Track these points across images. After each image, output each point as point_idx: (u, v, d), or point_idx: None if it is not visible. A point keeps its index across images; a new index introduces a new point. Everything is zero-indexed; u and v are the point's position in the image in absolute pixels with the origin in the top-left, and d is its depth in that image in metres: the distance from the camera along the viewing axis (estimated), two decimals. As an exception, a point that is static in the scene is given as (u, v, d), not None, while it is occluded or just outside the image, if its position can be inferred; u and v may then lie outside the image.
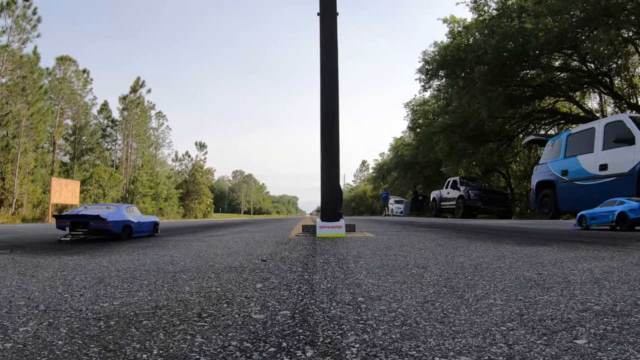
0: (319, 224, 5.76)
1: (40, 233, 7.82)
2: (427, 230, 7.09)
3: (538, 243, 4.21)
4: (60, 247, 4.54)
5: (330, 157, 6.06)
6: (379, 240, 5.00)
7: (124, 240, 5.39)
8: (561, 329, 1.36)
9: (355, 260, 3.08)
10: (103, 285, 2.19)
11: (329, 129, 6.08)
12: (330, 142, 6.06)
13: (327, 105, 6.15)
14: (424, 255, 3.34)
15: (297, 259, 3.23)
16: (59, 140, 34.55)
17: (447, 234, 6.12)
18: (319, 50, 6.30)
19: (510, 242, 4.34)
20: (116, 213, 5.89)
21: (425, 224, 10.55)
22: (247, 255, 3.49)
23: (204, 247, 4.29)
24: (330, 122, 6.12)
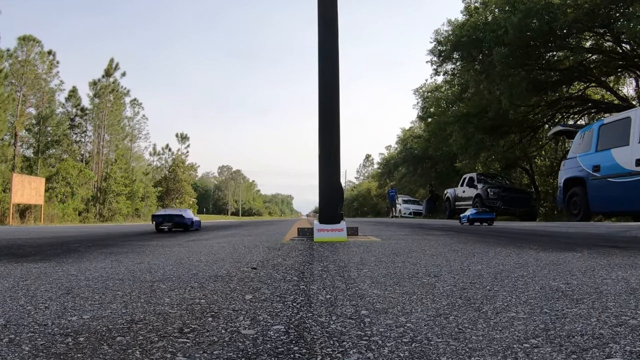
0: (316, 227, 5.74)
1: None
2: (439, 234, 7.09)
3: (566, 248, 4.21)
4: (22, 253, 4.53)
5: (330, 151, 6.04)
6: (385, 245, 4.99)
7: (95, 246, 5.39)
8: (592, 346, 1.36)
9: (358, 268, 3.07)
10: (71, 296, 2.18)
11: (328, 120, 6.06)
12: (329, 135, 6.04)
13: (327, 92, 6.13)
14: (436, 263, 3.34)
15: (292, 267, 3.22)
16: (21, 132, 34.52)
17: (463, 238, 6.11)
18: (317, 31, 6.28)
19: (535, 248, 4.34)
20: (186, 213, 10.12)
21: (438, 227, 10.56)
22: (235, 263, 3.48)
23: (185, 253, 4.28)
24: (330, 111, 6.10)
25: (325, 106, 6.11)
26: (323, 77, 6.17)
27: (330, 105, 6.11)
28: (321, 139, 6.08)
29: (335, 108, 6.14)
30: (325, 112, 6.11)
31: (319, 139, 6.09)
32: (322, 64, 6.19)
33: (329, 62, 6.19)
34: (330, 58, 6.20)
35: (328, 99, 6.13)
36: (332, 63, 6.20)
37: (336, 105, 6.15)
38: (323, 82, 6.16)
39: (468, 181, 24.73)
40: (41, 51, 36.18)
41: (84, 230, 11.92)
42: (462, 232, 7.88)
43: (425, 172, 45.76)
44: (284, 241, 5.89)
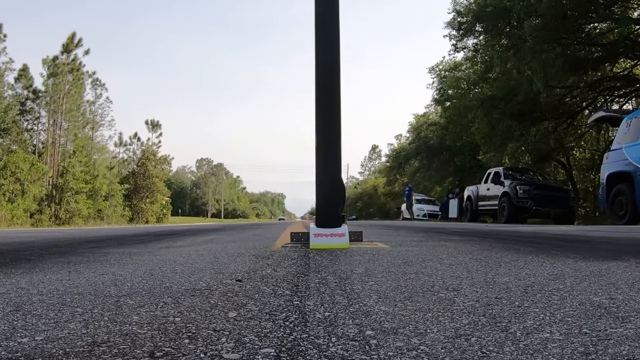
0: (313, 231, 5.71)
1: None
2: (459, 240, 7.08)
3: (610, 257, 4.19)
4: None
5: (329, 142, 6.01)
6: (395, 252, 4.98)
7: (50, 254, 5.38)
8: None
9: (363, 280, 3.07)
10: (21, 313, 2.16)
11: (327, 105, 6.03)
12: (328, 122, 6.02)
13: (325, 72, 6.08)
14: (456, 274, 3.33)
15: (284, 279, 3.21)
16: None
17: (487, 244, 6.10)
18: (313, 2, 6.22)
19: (572, 256, 4.32)
20: None
21: (457, 231, 10.56)
22: (217, 274, 3.47)
23: (158, 263, 4.26)
24: (329, 95, 6.06)
25: (323, 89, 6.07)
26: (321, 54, 6.11)
27: (329, 88, 6.07)
28: (319, 127, 6.04)
29: (336, 91, 6.09)
30: (323, 96, 6.06)
31: (316, 127, 6.05)
32: (319, 38, 6.14)
33: (327, 37, 6.14)
34: (330, 31, 6.14)
35: (327, 80, 6.08)
36: (332, 38, 6.14)
37: (336, 88, 6.10)
38: (321, 60, 6.11)
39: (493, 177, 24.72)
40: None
41: (37, 235, 11.90)
42: (486, 237, 7.89)
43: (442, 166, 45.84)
44: (274, 248, 5.88)
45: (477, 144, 31.75)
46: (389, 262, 4.10)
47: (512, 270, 3.42)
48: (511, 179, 23.51)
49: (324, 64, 6.13)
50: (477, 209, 25.81)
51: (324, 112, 6.06)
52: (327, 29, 6.17)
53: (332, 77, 6.11)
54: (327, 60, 6.13)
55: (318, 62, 6.14)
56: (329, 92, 6.08)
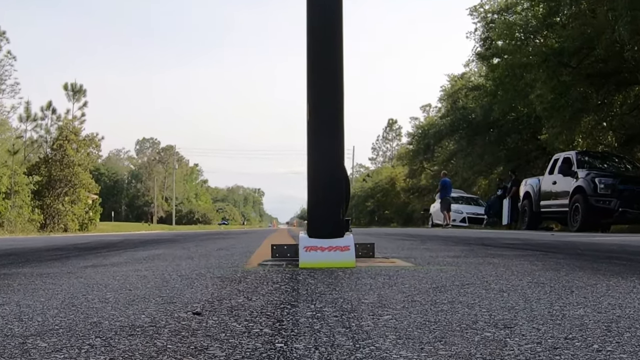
0: (304, 243, 5.67)
1: None
2: (513, 256, 7.05)
3: None
4: None
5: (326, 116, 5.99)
6: (421, 273, 4.96)
7: None
8: None
9: (375, 313, 3.05)
10: None
11: (324, 64, 6.00)
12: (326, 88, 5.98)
13: (320, 15, 6.05)
14: (508, 304, 3.31)
15: (261, 311, 3.19)
16: None
17: (552, 262, 6.05)
18: None
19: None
20: None
21: (511, 243, 10.55)
22: (166, 304, 3.46)
23: (81, 288, 4.23)
24: (328, 50, 6.02)
25: (318, 40, 6.04)
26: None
27: (327, 38, 6.03)
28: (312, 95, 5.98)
29: (336, 42, 6.03)
30: (318, 51, 6.04)
31: (309, 95, 5.98)
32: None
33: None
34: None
35: (323, 27, 6.04)
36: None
37: (338, 38, 6.04)
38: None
39: (562, 165, 24.49)
40: None
41: None
42: (551, 251, 7.86)
43: (488, 150, 45.31)
44: (248, 267, 5.84)
45: (539, 117, 31.61)
46: (413, 287, 4.08)
47: (588, 299, 3.40)
48: (588, 169, 23.36)
49: (318, 14, 6.06)
50: (538, 211, 25.66)
51: (320, 72, 6.01)
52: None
53: (330, 22, 6.04)
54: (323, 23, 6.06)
55: (310, 20, 6.04)
56: (326, 45, 6.04)
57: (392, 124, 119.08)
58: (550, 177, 25.15)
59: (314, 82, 6.03)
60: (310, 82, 6.01)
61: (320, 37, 6.06)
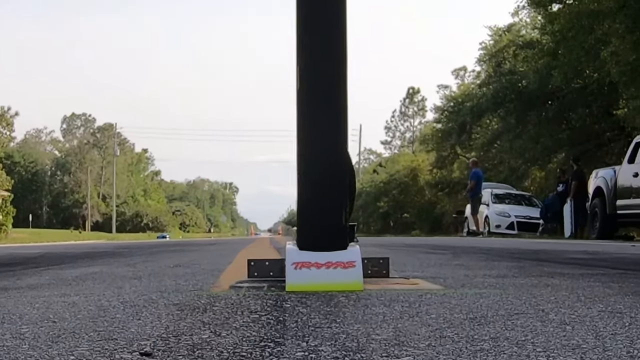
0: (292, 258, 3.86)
1: None
2: (578, 275, 5.34)
3: None
4: None
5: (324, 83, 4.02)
6: (454, 299, 3.54)
7: None
8: None
9: (390, 354, 1.84)
10: None
11: (319, 9, 4.05)
12: (321, 43, 4.02)
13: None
14: (572, 341, 2.09)
15: (234, 350, 1.95)
16: None
17: (632, 284, 4.47)
18: None
19: None
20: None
21: (575, 259, 8.07)
22: (103, 340, 2.22)
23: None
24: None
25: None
26: None
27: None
28: (303, 54, 4.00)
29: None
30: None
31: (299, 54, 4.00)
32: None
33: None
34: None
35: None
36: None
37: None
38: None
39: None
40: None
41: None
42: (629, 270, 6.09)
43: (545, 129, 31.35)
44: (215, 290, 4.18)
45: (614, 84, 24.35)
46: (442, 317, 3.24)
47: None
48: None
49: None
50: (614, 214, 18.64)
51: (314, 21, 4.10)
52: None
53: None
54: None
55: None
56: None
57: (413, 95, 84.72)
58: (631, 166, 18.07)
59: (307, 34, 4.13)
60: (300, 34, 4.10)
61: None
